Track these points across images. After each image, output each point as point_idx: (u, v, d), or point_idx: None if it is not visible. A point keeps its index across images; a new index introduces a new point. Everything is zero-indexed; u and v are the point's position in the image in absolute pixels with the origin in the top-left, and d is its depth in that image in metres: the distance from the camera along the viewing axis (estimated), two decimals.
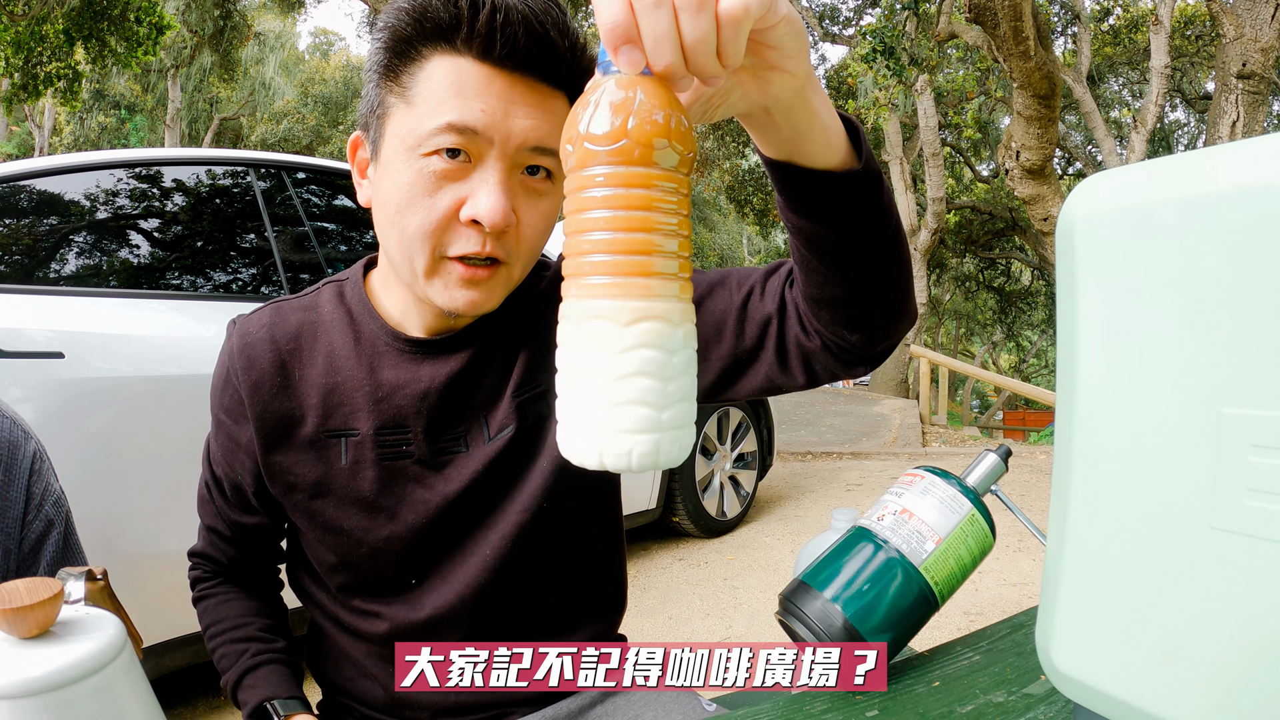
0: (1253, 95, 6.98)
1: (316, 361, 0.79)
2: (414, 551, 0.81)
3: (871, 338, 0.66)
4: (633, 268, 0.41)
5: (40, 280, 2.06)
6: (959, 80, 12.76)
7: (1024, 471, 5.27)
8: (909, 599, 0.68)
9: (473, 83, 0.66)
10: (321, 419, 0.78)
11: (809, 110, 0.53)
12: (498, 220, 0.67)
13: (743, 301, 0.72)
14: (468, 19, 0.65)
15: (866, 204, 0.58)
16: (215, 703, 2.41)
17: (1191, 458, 0.40)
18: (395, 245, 0.71)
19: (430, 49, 0.67)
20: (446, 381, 0.77)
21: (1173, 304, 0.41)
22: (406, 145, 0.68)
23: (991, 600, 3.02)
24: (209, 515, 0.89)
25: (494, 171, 0.68)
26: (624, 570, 0.94)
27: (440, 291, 0.71)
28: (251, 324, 0.81)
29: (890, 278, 0.63)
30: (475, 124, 0.66)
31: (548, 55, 0.67)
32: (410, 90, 0.68)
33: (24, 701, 0.46)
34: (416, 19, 0.66)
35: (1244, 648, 0.39)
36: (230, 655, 0.86)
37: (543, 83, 0.68)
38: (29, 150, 20.32)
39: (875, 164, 0.58)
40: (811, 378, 0.71)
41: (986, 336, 25.42)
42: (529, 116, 0.68)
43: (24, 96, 9.08)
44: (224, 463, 0.83)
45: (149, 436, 2.01)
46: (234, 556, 0.90)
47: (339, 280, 0.83)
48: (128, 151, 2.33)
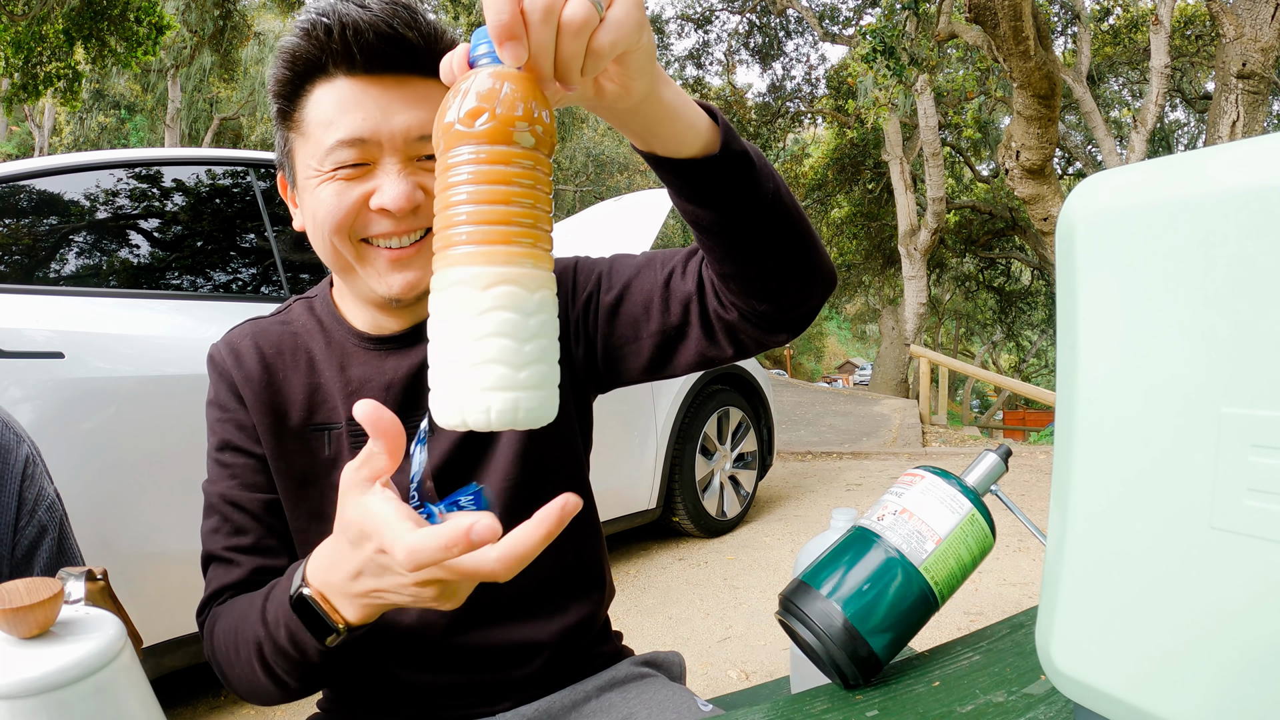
0: (1253, 95, 6.99)
1: (299, 366, 0.84)
2: None
3: (781, 305, 0.72)
4: (490, 236, 0.44)
5: (40, 280, 2.07)
6: (959, 80, 12.76)
7: (1024, 471, 5.27)
8: (909, 599, 0.68)
9: (350, 97, 0.73)
10: (307, 414, 0.83)
11: (657, 109, 0.58)
12: (403, 204, 0.73)
13: (665, 281, 0.79)
14: (326, 45, 0.71)
15: (735, 185, 0.64)
16: (215, 703, 2.41)
17: (1191, 457, 0.40)
18: (325, 251, 0.78)
19: (310, 83, 0.74)
20: (410, 372, 0.82)
21: (1172, 304, 0.41)
22: (312, 170, 0.75)
23: (991, 600, 3.02)
24: (219, 536, 0.82)
25: (392, 165, 0.74)
26: (603, 553, 0.96)
27: (375, 279, 0.77)
28: (234, 336, 0.87)
29: (781, 249, 0.69)
30: (361, 133, 0.72)
31: (406, 52, 0.73)
32: (303, 124, 0.75)
33: (24, 701, 0.46)
34: (291, 61, 0.73)
35: (1244, 648, 0.39)
36: (250, 605, 0.72)
37: (412, 76, 0.74)
38: (29, 150, 20.32)
39: (739, 145, 0.63)
40: (739, 347, 0.78)
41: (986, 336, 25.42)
42: (408, 110, 0.73)
43: (24, 96, 9.08)
44: (235, 447, 0.83)
45: (149, 436, 2.01)
46: (255, 567, 0.81)
47: (308, 296, 0.90)
48: (128, 151, 2.33)
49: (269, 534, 0.83)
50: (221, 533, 0.82)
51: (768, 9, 16.62)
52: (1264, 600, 0.38)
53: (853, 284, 19.87)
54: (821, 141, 19.23)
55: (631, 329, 0.82)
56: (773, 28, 17.19)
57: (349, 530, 0.54)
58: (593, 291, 0.85)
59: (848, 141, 16.25)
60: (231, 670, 0.74)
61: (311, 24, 0.72)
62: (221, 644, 0.74)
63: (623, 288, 0.83)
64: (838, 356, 40.62)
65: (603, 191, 21.33)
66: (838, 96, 16.15)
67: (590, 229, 3.70)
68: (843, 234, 17.73)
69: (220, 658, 0.75)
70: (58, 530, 0.85)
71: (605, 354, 0.85)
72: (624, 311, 0.83)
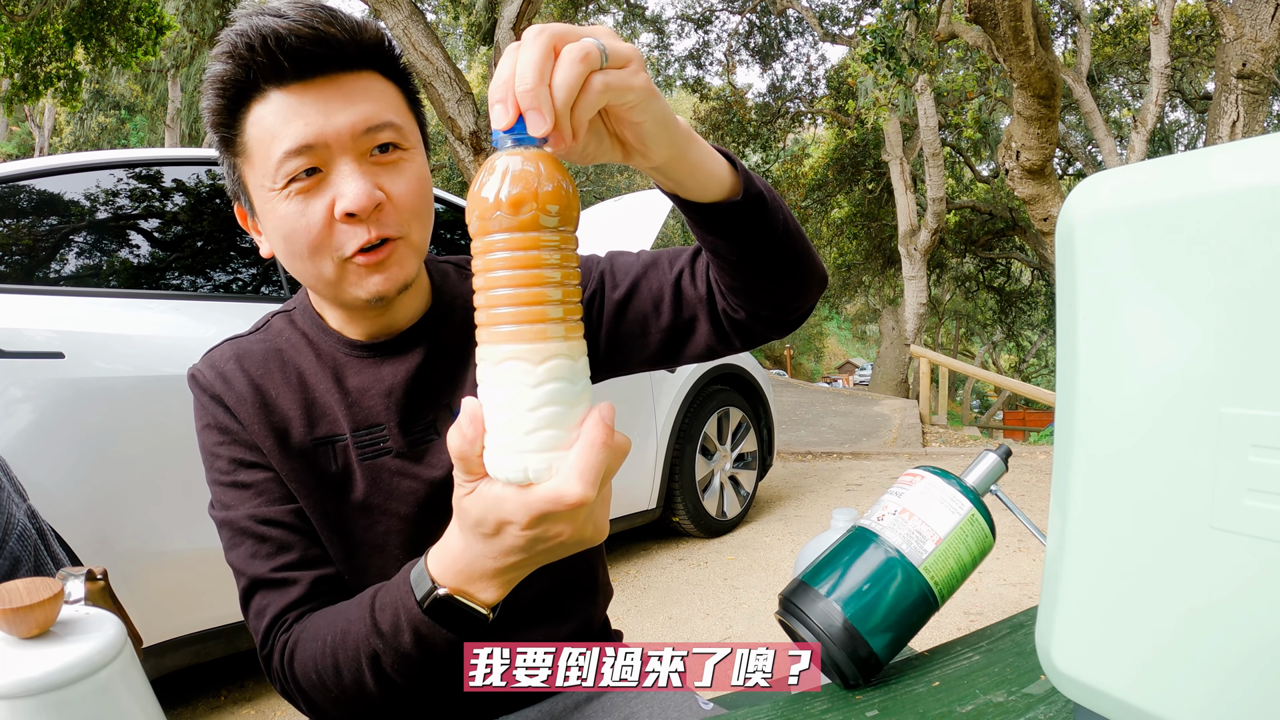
0: (1253, 95, 6.98)
1: (291, 382, 0.82)
2: (412, 545, 0.81)
3: (784, 309, 0.79)
4: (533, 317, 0.49)
5: (40, 280, 2.07)
6: (959, 80, 12.76)
7: (1024, 471, 5.27)
8: (909, 599, 0.68)
9: (287, 108, 0.71)
10: (307, 429, 0.80)
11: (681, 168, 0.64)
12: (364, 202, 0.71)
13: (675, 280, 0.83)
14: (251, 62, 0.69)
15: (751, 224, 0.70)
16: (215, 703, 2.41)
17: (1191, 458, 0.40)
18: (301, 271, 0.76)
19: (244, 106, 0.72)
20: (409, 376, 0.82)
21: (1173, 304, 0.41)
22: (266, 190, 0.73)
23: (991, 600, 3.01)
24: (260, 560, 0.77)
25: (346, 165, 0.72)
26: (600, 554, 0.97)
27: (355, 286, 0.76)
28: (215, 357, 0.83)
29: (788, 268, 0.76)
30: (306, 139, 0.70)
31: (333, 50, 0.71)
32: (247, 148, 0.73)
33: (24, 701, 0.46)
34: (220, 89, 0.72)
35: (1244, 648, 0.39)
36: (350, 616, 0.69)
37: (342, 73, 0.73)
38: (29, 150, 20.32)
39: (756, 189, 0.70)
40: (746, 340, 0.84)
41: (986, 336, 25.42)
42: (348, 108, 0.72)
43: (24, 96, 9.07)
44: (250, 463, 0.80)
45: (149, 436, 2.01)
46: (314, 579, 0.77)
47: (286, 310, 0.87)
48: (128, 151, 2.33)
49: (313, 543, 0.79)
50: (261, 555, 0.76)
51: (768, 9, 16.62)
52: (1264, 600, 0.38)
53: (853, 284, 19.86)
54: (821, 141, 19.23)
55: (640, 325, 0.85)
56: (773, 28, 17.19)
57: (483, 526, 0.55)
58: (597, 289, 0.87)
59: (848, 141, 16.24)
60: (325, 695, 0.71)
61: (232, 45, 0.70)
62: (313, 669, 0.70)
63: (630, 285, 0.85)
64: (838, 356, 40.62)
65: (603, 192, 21.31)
66: (838, 97, 16.14)
67: (590, 229, 3.70)
68: (843, 234, 17.73)
69: (308, 684, 0.71)
70: (33, 559, 0.77)
71: (610, 347, 0.87)
72: (633, 308, 0.85)
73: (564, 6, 14.02)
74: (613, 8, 17.46)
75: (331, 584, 0.79)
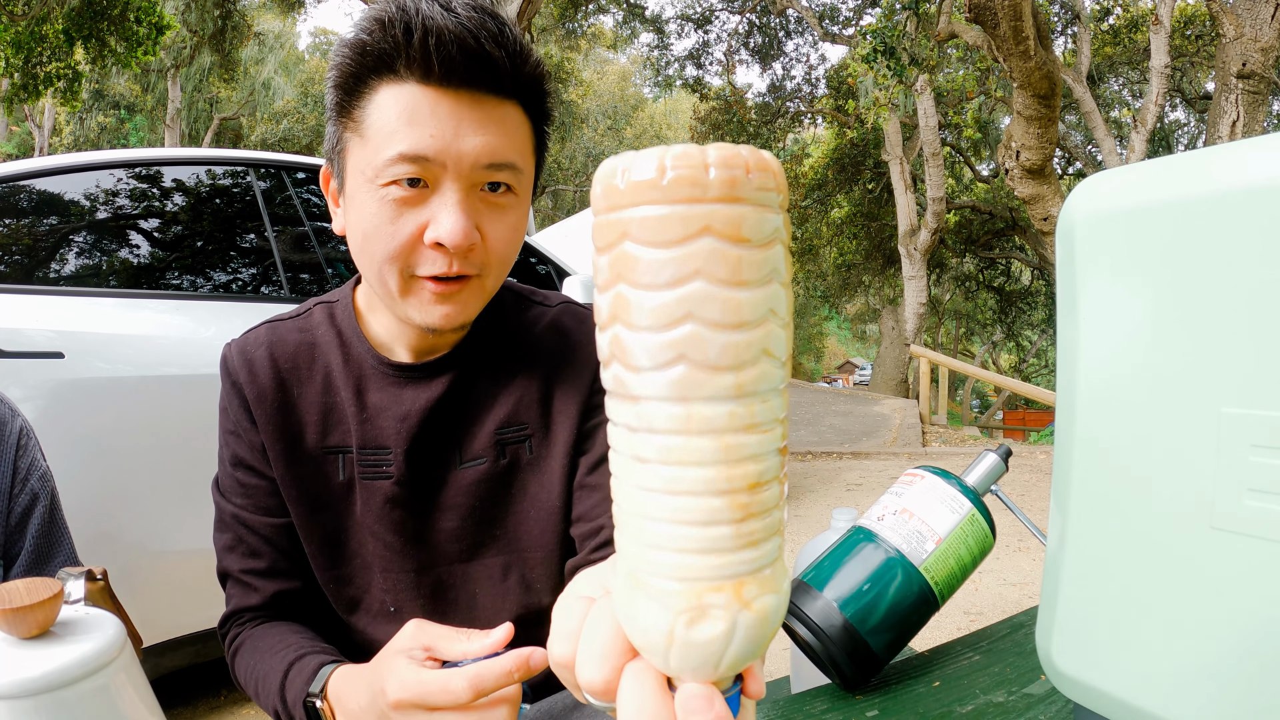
0: (1253, 95, 6.99)
1: (315, 381, 0.80)
2: (393, 574, 0.81)
3: None
4: None
5: (40, 280, 2.06)
6: (959, 80, 12.76)
7: (1024, 471, 5.26)
8: (909, 599, 0.68)
9: (419, 108, 0.67)
10: (321, 435, 0.79)
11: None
12: (459, 241, 0.68)
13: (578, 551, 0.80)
14: (404, 45, 0.65)
15: None
16: (215, 703, 2.41)
17: (1191, 458, 0.40)
18: (368, 270, 0.73)
19: (376, 80, 0.68)
20: (427, 406, 0.79)
21: (1172, 304, 0.41)
22: (366, 178, 0.69)
23: (991, 600, 3.01)
24: (235, 555, 0.82)
25: (452, 194, 0.68)
26: None
27: (416, 309, 0.72)
28: (249, 341, 0.82)
29: None
30: (426, 151, 0.66)
31: (488, 68, 0.67)
32: (363, 124, 0.69)
33: (24, 701, 0.46)
34: (358, 54, 0.67)
35: (1244, 647, 0.39)
36: (273, 664, 0.74)
37: (489, 95, 0.69)
38: (29, 150, 20.32)
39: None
40: None
41: (986, 336, 25.42)
42: (479, 134, 0.68)
43: (24, 96, 9.08)
44: (248, 465, 0.81)
45: (149, 436, 2.01)
46: (274, 592, 0.82)
47: (329, 301, 0.85)
48: (128, 151, 2.33)
49: (283, 557, 0.82)
50: (237, 553, 0.81)
51: (768, 9, 16.62)
52: (1264, 600, 0.38)
53: (853, 284, 19.85)
54: (821, 141, 19.21)
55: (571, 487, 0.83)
56: (773, 28, 17.20)
57: (394, 698, 0.57)
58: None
59: (848, 141, 16.24)
60: (255, 699, 0.78)
61: (389, 18, 0.65)
62: (243, 677, 0.79)
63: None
64: (838, 356, 40.61)
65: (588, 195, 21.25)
66: (838, 96, 16.14)
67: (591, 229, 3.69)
68: (843, 234, 17.73)
69: (243, 683, 0.80)
70: (49, 500, 0.92)
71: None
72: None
73: (564, 6, 14.01)
74: (613, 7, 17.47)
75: (292, 598, 0.83)
